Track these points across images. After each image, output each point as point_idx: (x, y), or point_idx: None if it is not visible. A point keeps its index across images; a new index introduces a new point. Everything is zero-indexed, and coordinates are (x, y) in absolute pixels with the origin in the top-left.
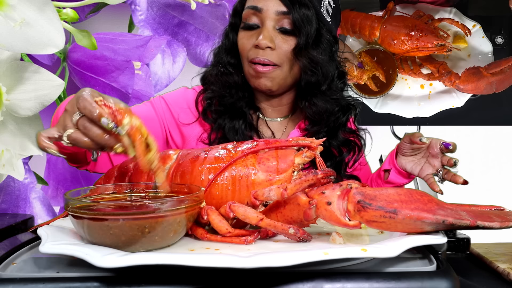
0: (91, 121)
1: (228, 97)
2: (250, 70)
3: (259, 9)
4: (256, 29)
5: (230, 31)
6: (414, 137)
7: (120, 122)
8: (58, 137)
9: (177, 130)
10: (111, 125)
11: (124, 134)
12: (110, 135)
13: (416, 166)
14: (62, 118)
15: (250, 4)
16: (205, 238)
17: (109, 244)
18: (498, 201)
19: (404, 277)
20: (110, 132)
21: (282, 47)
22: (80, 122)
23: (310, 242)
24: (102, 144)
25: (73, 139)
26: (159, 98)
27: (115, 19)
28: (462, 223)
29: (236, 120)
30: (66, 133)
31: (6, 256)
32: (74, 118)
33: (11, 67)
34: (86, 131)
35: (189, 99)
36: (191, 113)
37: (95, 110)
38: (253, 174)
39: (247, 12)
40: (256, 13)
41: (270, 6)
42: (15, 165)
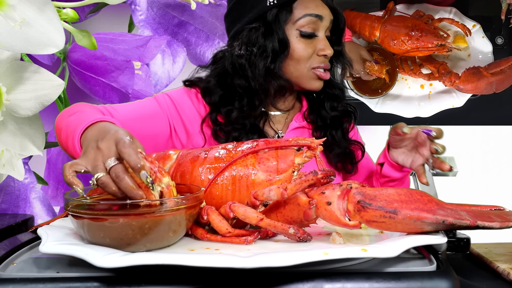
0: (125, 170)
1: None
2: (312, 75)
3: (321, 18)
4: (314, 37)
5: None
6: (397, 128)
7: (159, 180)
8: (83, 172)
9: (182, 129)
10: (149, 180)
11: (156, 192)
12: (139, 188)
13: (407, 157)
14: (93, 156)
15: (311, 12)
16: (205, 238)
17: (109, 244)
18: (498, 201)
19: (404, 277)
20: (141, 186)
21: None
22: (114, 170)
23: (310, 242)
24: (129, 196)
25: (101, 182)
26: (163, 95)
27: (115, 19)
28: (462, 223)
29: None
30: (97, 176)
31: (6, 256)
32: (109, 163)
33: (11, 67)
34: (118, 180)
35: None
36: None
37: (139, 162)
38: (253, 174)
39: (308, 20)
40: (318, 22)
41: (327, 15)
42: (15, 165)
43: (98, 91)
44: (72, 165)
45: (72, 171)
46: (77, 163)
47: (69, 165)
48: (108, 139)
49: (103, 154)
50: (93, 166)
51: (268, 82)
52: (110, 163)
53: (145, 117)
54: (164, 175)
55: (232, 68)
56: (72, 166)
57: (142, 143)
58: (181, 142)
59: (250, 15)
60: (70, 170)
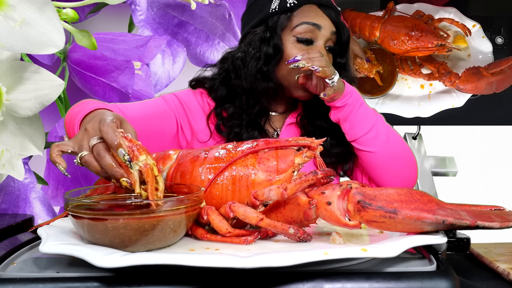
0: (106, 150)
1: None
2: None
3: (319, 27)
4: (310, 44)
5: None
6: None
7: (136, 158)
8: (70, 153)
9: (188, 127)
10: (127, 158)
11: (135, 170)
12: (120, 167)
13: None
14: (80, 137)
15: (309, 21)
16: (205, 238)
17: (109, 244)
18: (498, 201)
19: (404, 277)
20: (121, 164)
21: None
22: (95, 148)
23: (310, 242)
24: (110, 173)
25: (85, 161)
26: (171, 95)
27: (115, 19)
28: (462, 223)
29: (252, 131)
30: (80, 155)
31: (6, 256)
32: (92, 142)
33: (11, 67)
34: (99, 158)
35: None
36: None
37: (116, 139)
38: (253, 174)
39: (305, 28)
40: (315, 30)
41: (327, 26)
42: (15, 165)
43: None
44: (59, 145)
45: (58, 150)
46: (64, 144)
47: (56, 144)
48: (94, 121)
49: (88, 134)
50: (79, 146)
51: (259, 84)
52: (92, 142)
53: (154, 115)
54: (141, 153)
55: (232, 68)
56: (58, 146)
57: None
58: (187, 139)
59: (255, 19)
60: (56, 149)
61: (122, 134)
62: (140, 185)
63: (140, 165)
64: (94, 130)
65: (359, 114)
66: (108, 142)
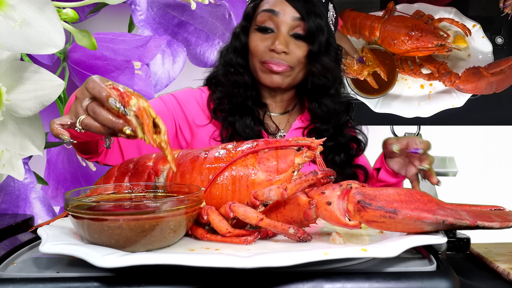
0: (100, 105)
1: (237, 96)
2: (262, 68)
3: (276, 13)
4: (270, 32)
5: (241, 33)
6: (386, 145)
7: (127, 103)
8: (70, 124)
9: (187, 127)
10: (118, 105)
11: (132, 116)
12: (118, 118)
13: (402, 166)
14: (74, 106)
15: (267, 8)
16: (205, 238)
17: (109, 244)
18: (498, 201)
19: (404, 277)
20: (119, 114)
21: (295, 52)
22: (90, 107)
23: (310, 242)
24: (111, 126)
25: (85, 124)
26: (169, 96)
27: (115, 19)
28: (462, 223)
29: (245, 117)
30: (79, 119)
31: (6, 256)
32: (84, 103)
33: (11, 67)
34: (96, 116)
35: (199, 99)
36: (203, 114)
37: (103, 91)
38: (253, 174)
39: (263, 15)
40: (272, 17)
41: (287, 12)
42: (15, 165)
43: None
44: (58, 119)
45: (57, 123)
46: (61, 118)
47: (53, 120)
48: (81, 88)
49: (79, 100)
50: (75, 114)
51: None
52: (84, 103)
53: None
54: (130, 97)
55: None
56: (57, 120)
57: None
58: (186, 140)
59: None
60: (55, 123)
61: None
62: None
63: (134, 109)
64: (82, 93)
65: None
66: (98, 97)
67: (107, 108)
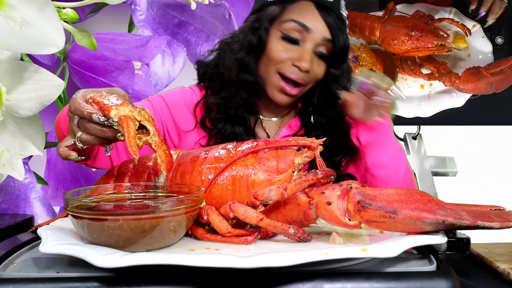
0: (88, 121)
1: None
2: (278, 82)
3: (308, 29)
4: (295, 43)
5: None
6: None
7: (108, 116)
8: (73, 143)
9: (175, 131)
10: (102, 119)
11: (117, 126)
12: (108, 127)
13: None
14: (70, 125)
15: (298, 20)
16: (205, 238)
17: (109, 244)
18: (498, 201)
19: (404, 277)
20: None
21: (315, 71)
22: (80, 124)
23: (310, 242)
24: (104, 137)
25: (83, 140)
26: (158, 97)
27: (115, 19)
28: (462, 223)
29: (236, 126)
30: (77, 137)
31: (6, 256)
32: (75, 122)
33: (11, 67)
34: (88, 131)
35: (188, 101)
36: (191, 116)
37: (84, 110)
38: (253, 174)
39: (293, 26)
40: (302, 31)
41: (319, 30)
42: (15, 165)
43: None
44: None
45: (63, 146)
46: (64, 140)
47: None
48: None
49: (71, 119)
50: (72, 133)
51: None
52: (75, 121)
53: None
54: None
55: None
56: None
57: None
58: (174, 143)
59: (256, 6)
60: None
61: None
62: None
63: (116, 120)
64: (70, 113)
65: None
66: (82, 117)
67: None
